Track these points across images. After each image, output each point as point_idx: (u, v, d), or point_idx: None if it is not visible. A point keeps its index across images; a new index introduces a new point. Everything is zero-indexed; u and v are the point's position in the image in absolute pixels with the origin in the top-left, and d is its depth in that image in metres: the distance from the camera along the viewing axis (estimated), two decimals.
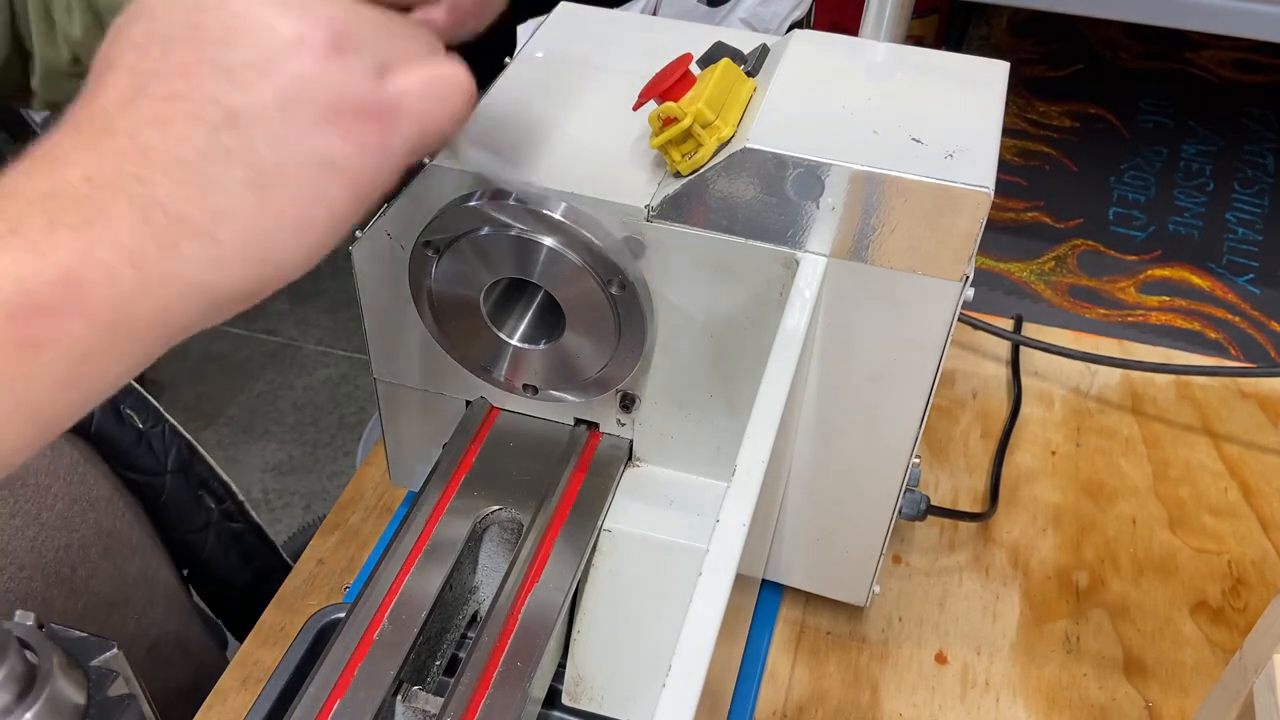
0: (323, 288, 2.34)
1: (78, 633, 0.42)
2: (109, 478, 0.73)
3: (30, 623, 0.40)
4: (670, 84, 0.50)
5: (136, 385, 0.74)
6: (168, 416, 0.77)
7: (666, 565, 0.59)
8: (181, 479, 0.77)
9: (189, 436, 0.79)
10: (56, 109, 0.76)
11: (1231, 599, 0.72)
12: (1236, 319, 0.97)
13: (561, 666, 0.60)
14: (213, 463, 0.82)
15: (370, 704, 0.50)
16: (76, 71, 0.72)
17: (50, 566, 0.67)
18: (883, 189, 0.49)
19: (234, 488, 0.84)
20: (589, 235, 0.52)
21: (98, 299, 0.31)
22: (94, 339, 0.31)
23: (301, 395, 2.10)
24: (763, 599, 0.70)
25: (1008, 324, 0.91)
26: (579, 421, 0.63)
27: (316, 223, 0.36)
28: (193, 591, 0.83)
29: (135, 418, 0.73)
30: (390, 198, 0.57)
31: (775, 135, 0.50)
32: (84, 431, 0.71)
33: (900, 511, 0.62)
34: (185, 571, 0.81)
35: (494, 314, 0.57)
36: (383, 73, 0.37)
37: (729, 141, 0.51)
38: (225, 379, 2.16)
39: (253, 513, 0.85)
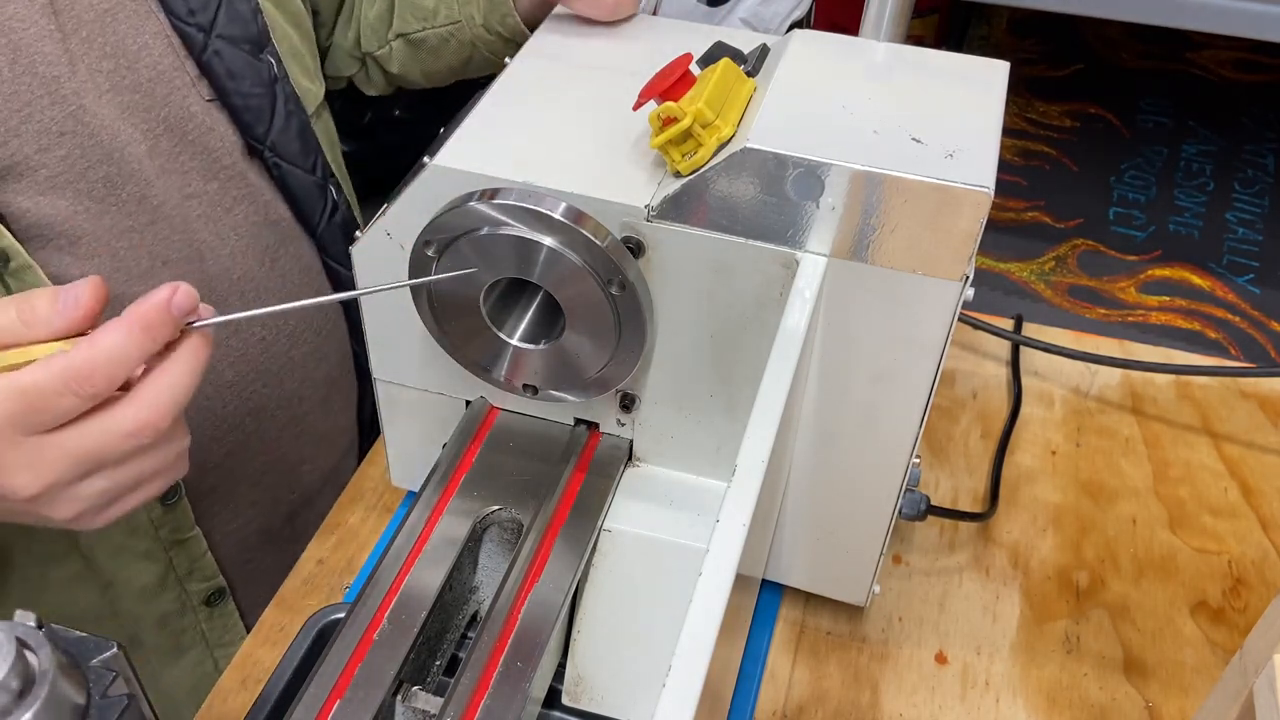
0: None
1: (77, 633, 0.42)
2: (350, 340, 0.84)
3: (30, 623, 0.40)
4: (670, 84, 0.51)
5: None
6: None
7: (666, 565, 0.59)
8: None
9: None
10: (339, 83, 0.89)
11: (1231, 599, 0.72)
12: (1236, 319, 0.97)
13: (561, 666, 0.60)
14: None
15: (370, 704, 0.50)
16: (356, 54, 0.86)
17: (286, 393, 0.78)
18: (883, 189, 0.49)
19: None
20: (589, 235, 0.52)
21: None
22: None
23: None
24: (763, 599, 0.70)
25: (1008, 324, 0.91)
26: (579, 421, 0.63)
27: None
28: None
29: None
30: (390, 198, 0.57)
31: (775, 135, 0.50)
32: (344, 301, 0.82)
33: (900, 511, 0.62)
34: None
35: (494, 314, 0.57)
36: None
37: (729, 141, 0.51)
38: None
39: None
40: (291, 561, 0.76)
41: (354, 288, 0.77)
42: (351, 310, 0.83)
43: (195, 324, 0.50)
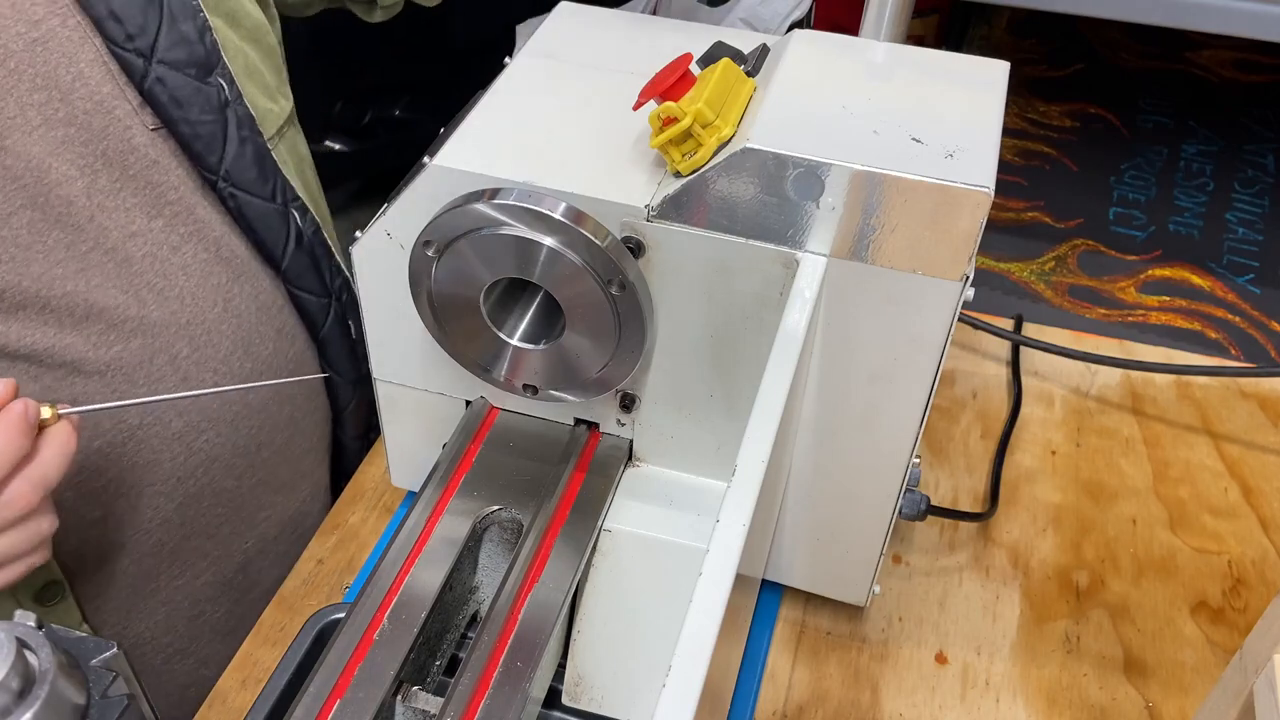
0: None
1: (77, 633, 0.42)
2: (319, 370, 0.80)
3: (30, 623, 0.40)
4: (670, 84, 0.50)
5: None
6: None
7: (666, 565, 0.59)
8: (366, 389, 0.82)
9: None
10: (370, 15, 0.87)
11: (1231, 599, 0.72)
12: (1236, 319, 0.97)
13: (561, 666, 0.60)
14: None
15: (370, 704, 0.50)
16: None
17: (242, 440, 0.73)
18: (883, 189, 0.49)
19: None
20: (589, 235, 0.52)
21: None
22: None
23: None
24: (763, 599, 0.70)
25: (1008, 324, 0.91)
26: (579, 421, 0.63)
27: None
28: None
29: (353, 329, 0.80)
30: (391, 198, 0.57)
31: (775, 135, 0.50)
32: (314, 334, 0.77)
33: (900, 511, 0.62)
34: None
35: (494, 314, 0.57)
36: None
37: (729, 141, 0.51)
38: None
39: None
40: (243, 612, 0.75)
41: (328, 315, 0.77)
42: (328, 340, 0.78)
43: (64, 412, 0.54)
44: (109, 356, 0.65)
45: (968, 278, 0.51)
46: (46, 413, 0.54)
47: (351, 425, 0.84)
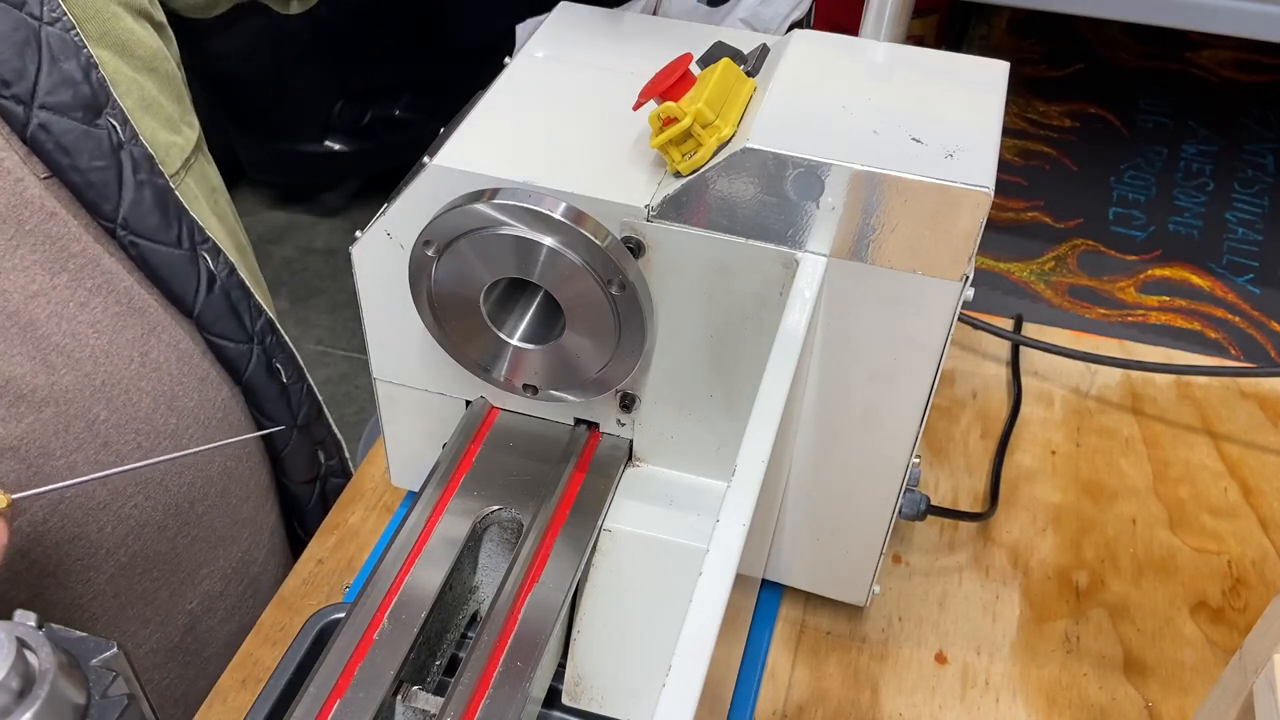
0: (323, 288, 2.34)
1: (77, 633, 0.42)
2: (246, 423, 0.75)
3: (30, 623, 0.40)
4: (670, 84, 0.50)
5: (289, 342, 0.76)
6: (308, 376, 0.79)
7: (666, 565, 0.59)
8: (306, 434, 0.79)
9: (320, 396, 0.81)
10: (286, 7, 0.79)
11: (1231, 599, 0.72)
12: (1236, 319, 0.97)
13: (561, 666, 0.60)
14: (331, 421, 0.84)
15: (370, 704, 0.50)
16: None
17: (173, 500, 0.69)
18: (883, 189, 0.49)
19: (344, 446, 0.87)
20: (589, 235, 0.52)
21: None
22: None
23: None
24: (763, 599, 0.70)
25: (1008, 324, 0.91)
26: (579, 421, 0.63)
27: None
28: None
29: (283, 372, 0.75)
30: (391, 198, 0.57)
31: (775, 135, 0.50)
32: (237, 378, 0.72)
33: (900, 511, 0.62)
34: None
35: (494, 314, 0.57)
36: None
37: (729, 141, 0.51)
38: None
39: (352, 467, 0.88)
40: (194, 675, 0.73)
41: (250, 360, 0.72)
42: (253, 387, 0.73)
43: (17, 497, 0.49)
44: (20, 430, 0.60)
45: (968, 278, 0.51)
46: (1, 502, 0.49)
47: (294, 469, 0.80)
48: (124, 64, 0.64)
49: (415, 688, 0.53)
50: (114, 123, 0.62)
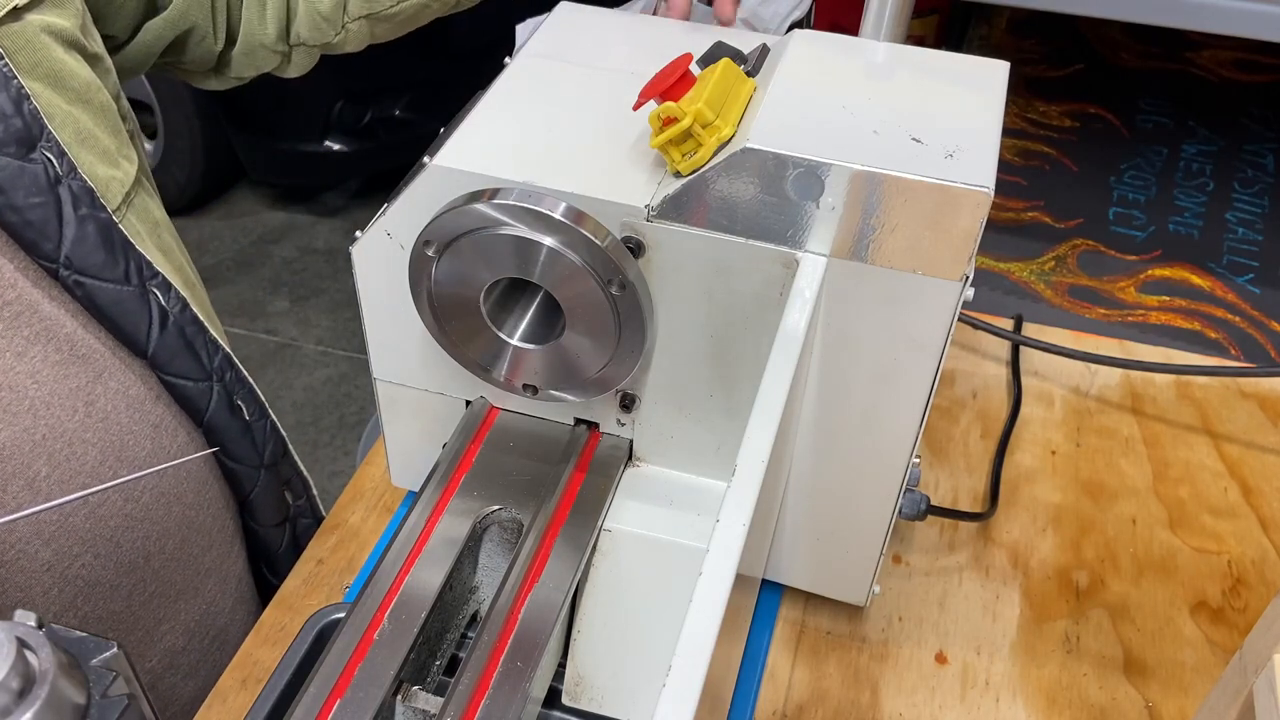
0: (323, 288, 2.34)
1: (78, 633, 0.42)
2: (208, 467, 0.71)
3: (30, 623, 0.40)
4: (670, 84, 0.51)
5: (249, 378, 0.73)
6: (270, 412, 0.76)
7: (666, 565, 0.59)
8: (273, 474, 0.75)
9: (284, 433, 0.78)
10: (241, 82, 0.81)
11: (1231, 599, 0.72)
12: (1236, 319, 0.97)
13: (561, 666, 0.60)
14: (297, 458, 0.81)
15: (370, 704, 0.50)
16: (280, 49, 0.79)
17: (125, 557, 0.65)
18: (883, 189, 0.49)
19: (312, 485, 0.83)
20: (589, 235, 0.52)
21: None
22: None
23: (301, 395, 2.10)
24: (763, 599, 0.70)
25: (1008, 324, 0.91)
26: (579, 421, 0.63)
27: None
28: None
29: (245, 410, 0.71)
30: (391, 198, 0.57)
31: (775, 135, 0.50)
32: (197, 420, 0.69)
33: (900, 511, 0.62)
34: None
35: (494, 314, 0.58)
36: None
37: (729, 141, 0.51)
38: None
39: (320, 508, 0.84)
40: None
41: (211, 399, 0.68)
42: (215, 427, 0.69)
43: None
44: None
45: (968, 278, 0.51)
46: None
47: (263, 512, 0.76)
48: (58, 96, 0.61)
49: (415, 688, 0.53)
50: (50, 156, 0.59)
